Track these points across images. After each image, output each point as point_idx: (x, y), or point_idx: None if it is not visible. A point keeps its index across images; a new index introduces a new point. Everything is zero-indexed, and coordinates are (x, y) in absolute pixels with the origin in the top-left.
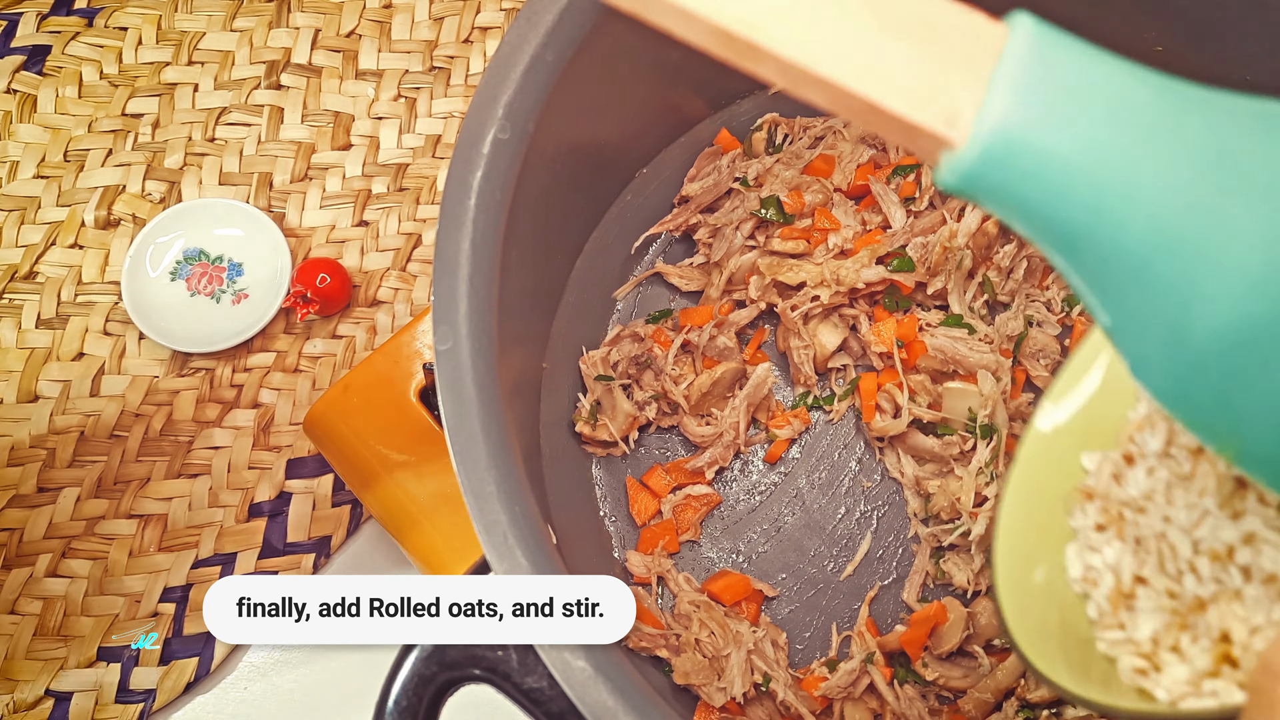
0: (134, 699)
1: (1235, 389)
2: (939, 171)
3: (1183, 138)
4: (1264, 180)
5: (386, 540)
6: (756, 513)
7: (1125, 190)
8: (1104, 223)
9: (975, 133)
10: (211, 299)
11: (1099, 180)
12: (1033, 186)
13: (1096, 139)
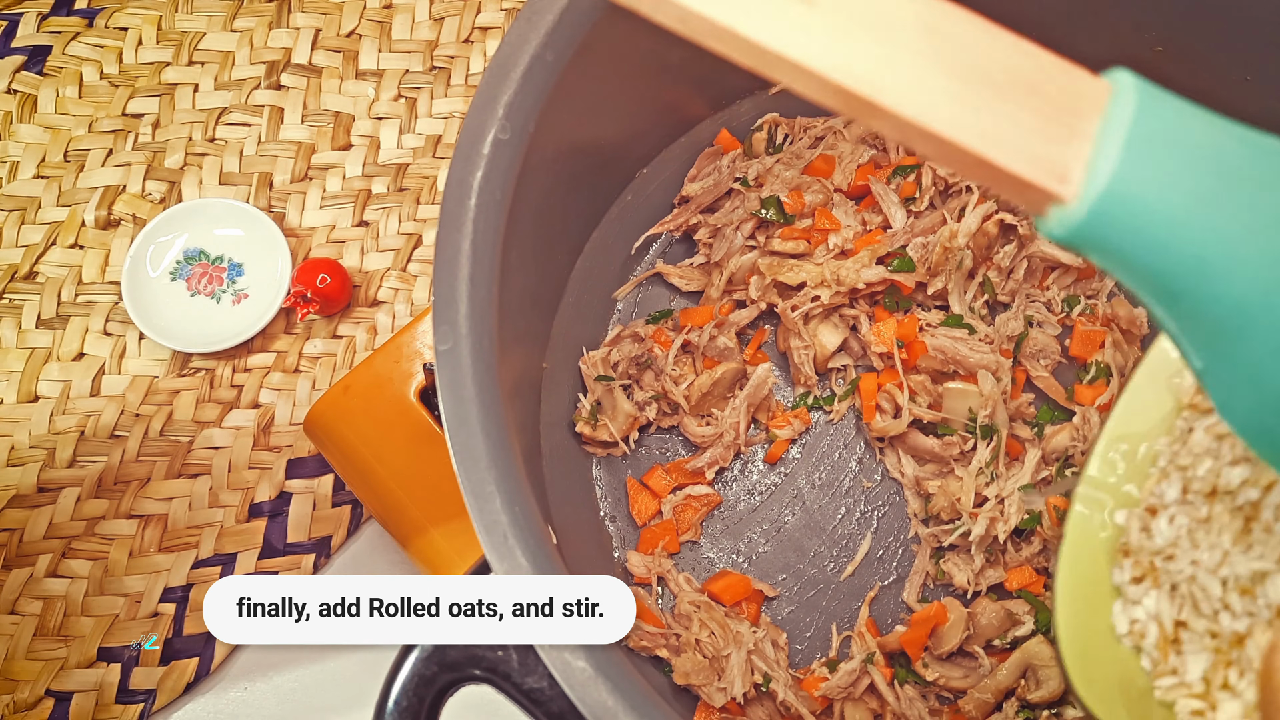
0: (134, 699)
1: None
2: (1047, 224)
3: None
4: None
5: (386, 540)
6: (757, 513)
7: (1230, 250)
8: (1207, 280)
9: (1086, 191)
10: (212, 299)
11: (1204, 239)
12: (1139, 242)
13: (1202, 198)
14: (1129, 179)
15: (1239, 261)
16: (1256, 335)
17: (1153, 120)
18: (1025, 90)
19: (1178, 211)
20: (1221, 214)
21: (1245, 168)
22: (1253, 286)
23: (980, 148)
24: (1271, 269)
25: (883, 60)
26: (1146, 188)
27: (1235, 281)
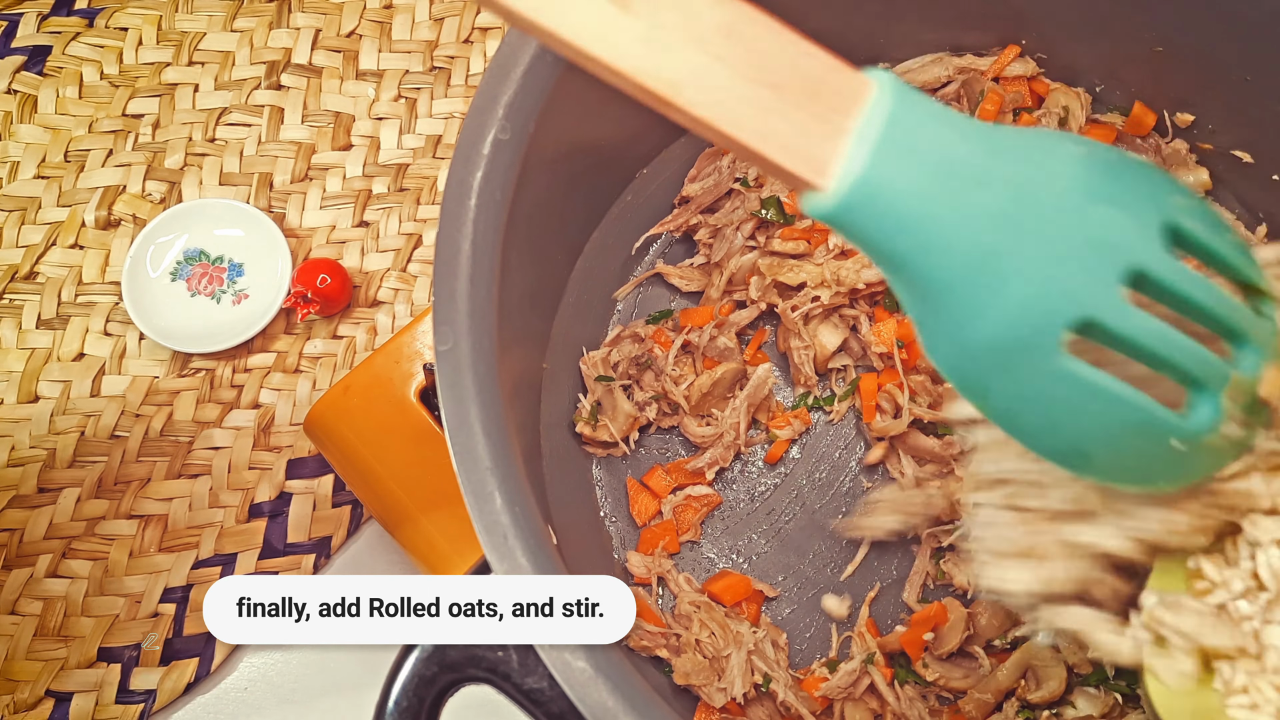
0: (134, 699)
1: (990, 376)
2: (805, 203)
3: (991, 187)
4: (1048, 232)
5: (386, 540)
6: (757, 513)
7: (944, 236)
8: (925, 256)
9: (837, 186)
10: (212, 299)
11: (927, 228)
12: (875, 225)
13: (929, 194)
14: (871, 177)
15: (950, 245)
16: (955, 298)
17: (901, 122)
18: (803, 89)
19: (908, 204)
20: (942, 207)
21: (969, 168)
22: (958, 264)
23: (755, 144)
24: (969, 256)
25: (682, 64)
26: (885, 184)
27: (946, 260)
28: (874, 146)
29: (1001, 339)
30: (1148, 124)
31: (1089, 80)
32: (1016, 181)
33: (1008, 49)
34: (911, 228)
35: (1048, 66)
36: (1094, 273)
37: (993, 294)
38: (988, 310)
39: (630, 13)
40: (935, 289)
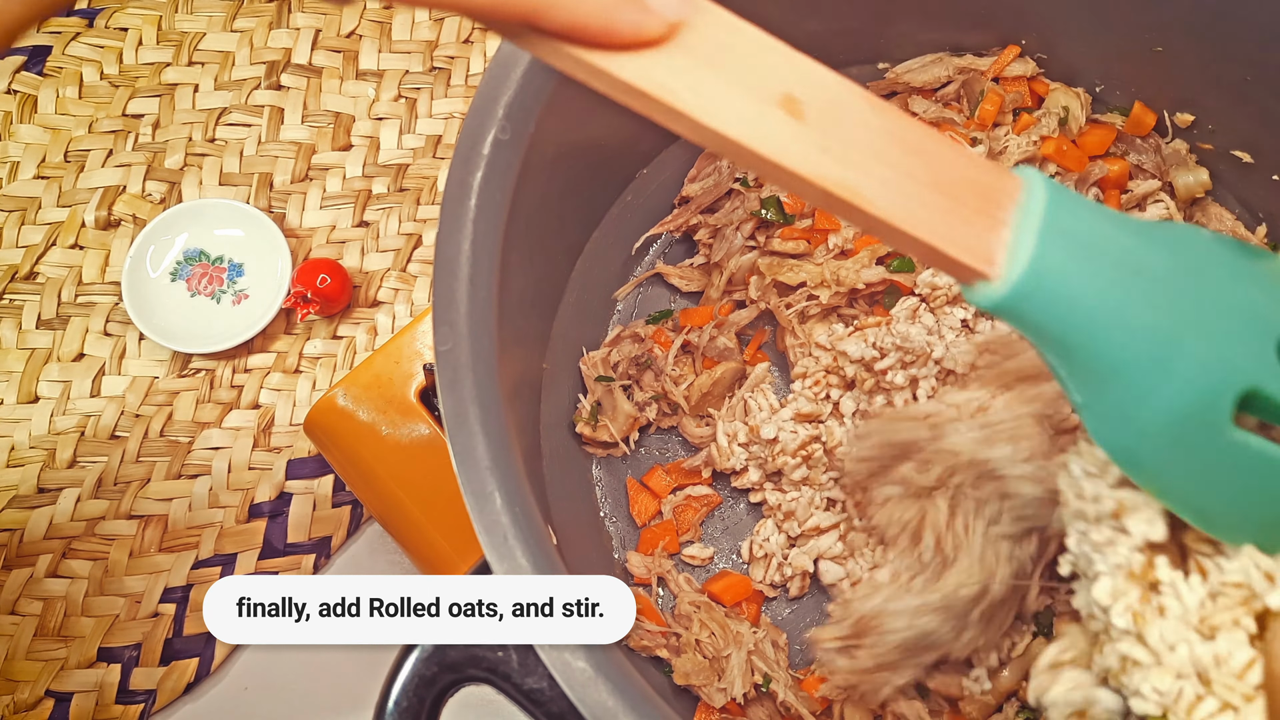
0: (134, 699)
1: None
2: (974, 295)
3: (1148, 272)
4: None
5: (386, 541)
6: (756, 512)
7: (1112, 321)
8: (1093, 342)
9: (1007, 274)
10: (212, 299)
11: (1095, 313)
12: (1046, 311)
13: (1092, 278)
14: (1039, 264)
15: (1118, 328)
16: (1126, 380)
17: (1058, 212)
18: (965, 187)
19: (1075, 289)
20: (1108, 291)
21: (1125, 254)
22: (1125, 349)
23: (931, 240)
24: (1139, 336)
25: (859, 168)
26: (1053, 271)
27: (1115, 343)
28: (1038, 235)
29: (1174, 417)
30: (1148, 124)
31: (1089, 80)
32: (1169, 265)
33: (1008, 49)
34: (1081, 312)
35: (1048, 66)
36: (1251, 345)
37: (1161, 373)
38: (1158, 390)
39: (807, 124)
40: (1105, 373)
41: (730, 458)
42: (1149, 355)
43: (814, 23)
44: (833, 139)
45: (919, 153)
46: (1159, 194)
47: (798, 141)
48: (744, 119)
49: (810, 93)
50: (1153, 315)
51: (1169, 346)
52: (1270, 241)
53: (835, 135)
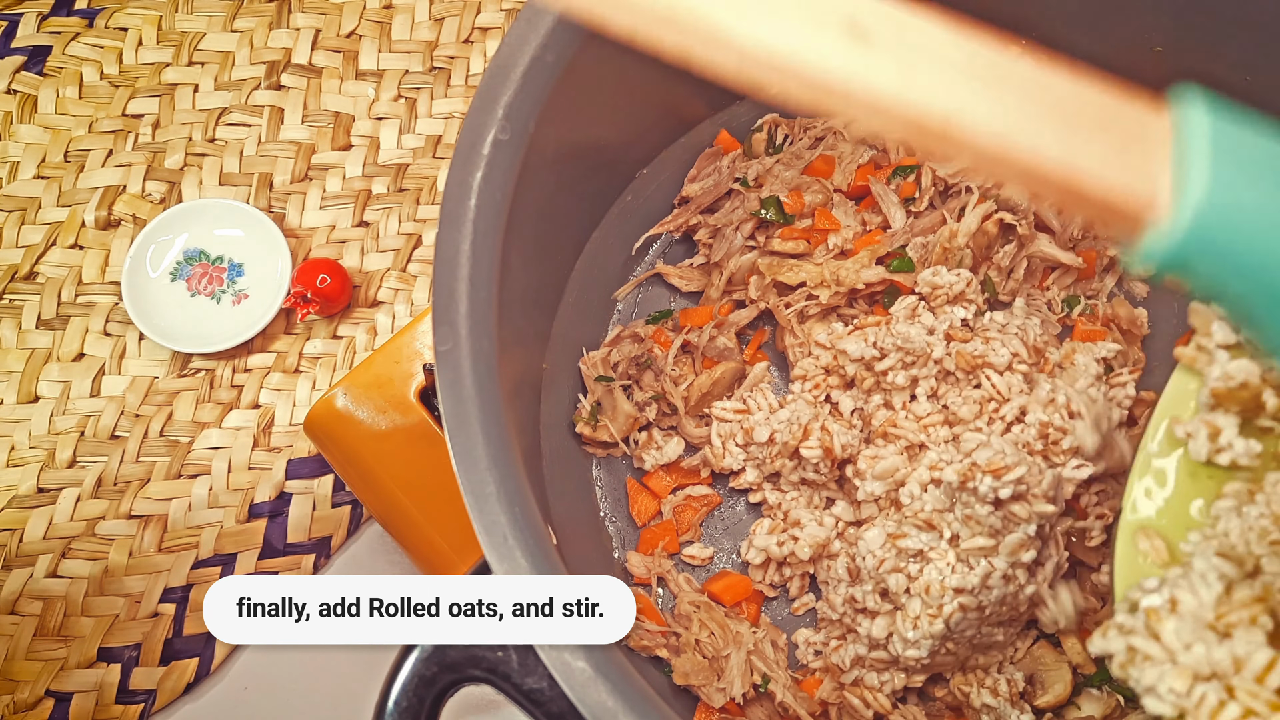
0: (134, 699)
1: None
2: (1142, 250)
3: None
4: None
5: (386, 541)
6: (756, 512)
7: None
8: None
9: (1179, 216)
10: (212, 299)
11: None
12: (1231, 257)
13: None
14: (1218, 200)
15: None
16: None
17: (1228, 141)
18: (1095, 115)
19: (1263, 226)
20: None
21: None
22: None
23: (1073, 169)
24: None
25: (949, 89)
26: (1236, 207)
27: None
28: (1210, 163)
29: None
30: None
31: None
32: None
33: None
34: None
35: None
36: None
37: None
38: None
39: (875, 49)
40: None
41: (726, 458)
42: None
43: None
44: (915, 61)
45: (1026, 80)
46: None
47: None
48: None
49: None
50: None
51: None
52: None
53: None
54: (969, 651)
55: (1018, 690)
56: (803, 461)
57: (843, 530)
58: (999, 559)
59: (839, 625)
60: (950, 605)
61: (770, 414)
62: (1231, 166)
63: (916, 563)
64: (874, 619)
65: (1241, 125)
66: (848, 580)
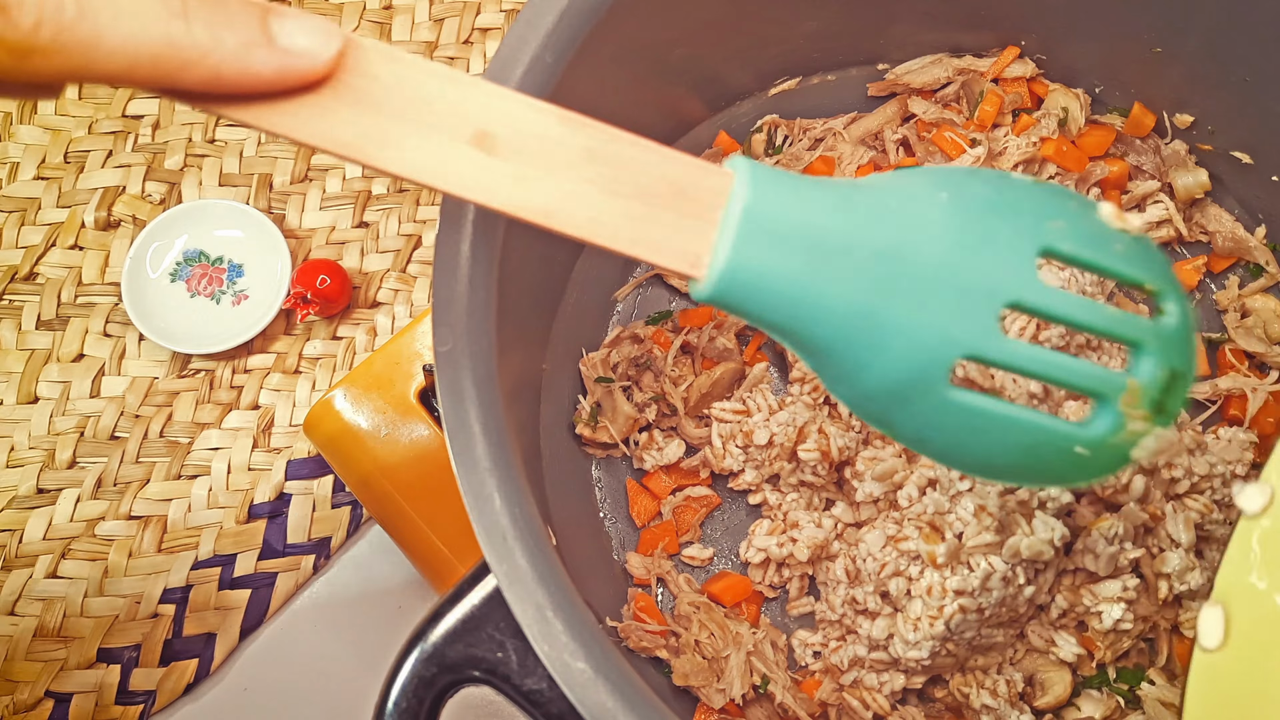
0: (134, 700)
1: (889, 413)
2: (692, 290)
3: (856, 253)
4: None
5: (386, 542)
6: (755, 513)
7: (815, 305)
8: (801, 327)
9: (709, 274)
10: (211, 300)
11: (796, 301)
12: (751, 305)
13: (792, 270)
14: (736, 264)
15: (823, 313)
16: (839, 358)
17: (759, 206)
18: (670, 193)
19: (776, 283)
20: (810, 279)
21: (832, 237)
22: (834, 330)
23: (630, 251)
24: (844, 320)
25: (553, 192)
26: (751, 269)
27: (822, 328)
28: (734, 235)
29: (890, 386)
30: (1147, 125)
31: (1089, 81)
32: (881, 242)
33: (1007, 50)
34: (783, 303)
35: (1047, 67)
36: (969, 315)
37: (873, 351)
38: (872, 365)
39: (497, 156)
40: (818, 352)
41: (726, 459)
42: (856, 338)
43: (814, 23)
44: (528, 167)
45: (623, 164)
46: (1158, 195)
47: (489, 174)
48: (429, 161)
49: (502, 124)
50: (860, 298)
51: (876, 327)
52: (1270, 243)
53: (530, 163)
54: (968, 653)
55: (1017, 691)
56: (801, 464)
57: (841, 531)
58: (999, 559)
59: (838, 626)
60: (950, 607)
61: (769, 416)
62: (757, 234)
63: (917, 564)
64: (874, 620)
65: (778, 192)
66: (846, 581)
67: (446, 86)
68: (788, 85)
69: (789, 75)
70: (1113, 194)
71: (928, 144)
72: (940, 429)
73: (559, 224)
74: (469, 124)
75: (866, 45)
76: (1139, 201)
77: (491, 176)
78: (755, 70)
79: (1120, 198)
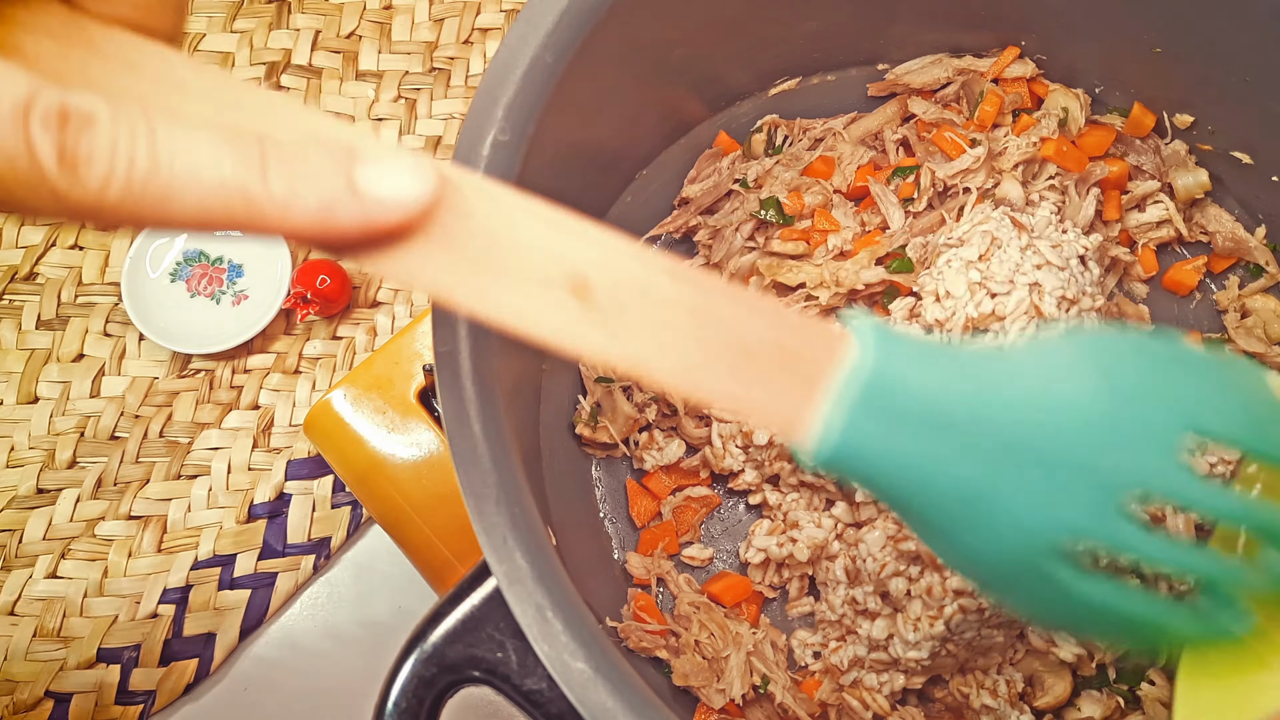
0: (134, 700)
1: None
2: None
3: (979, 432)
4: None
5: (386, 542)
6: (755, 513)
7: (926, 485)
8: (910, 502)
9: (815, 445)
10: (211, 300)
11: (907, 479)
12: (859, 476)
13: (907, 449)
14: (849, 439)
15: (933, 493)
16: (946, 533)
17: (883, 377)
18: (778, 353)
19: (888, 461)
20: (924, 459)
21: (955, 415)
22: (943, 508)
23: (730, 407)
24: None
25: (649, 345)
26: (863, 445)
27: (930, 505)
28: (849, 409)
29: (999, 564)
30: (1147, 125)
31: (1089, 81)
32: (1006, 420)
33: (1007, 50)
34: (894, 480)
35: (1047, 68)
36: (1089, 502)
37: (981, 531)
38: (980, 543)
39: (593, 304)
40: (926, 526)
41: (726, 459)
42: (965, 518)
43: (814, 23)
44: (622, 318)
45: (730, 324)
46: (1158, 195)
47: (584, 325)
48: (524, 308)
49: (602, 271)
50: (975, 480)
51: (988, 508)
52: (1270, 243)
53: (629, 317)
54: (968, 653)
55: (1017, 691)
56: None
57: (841, 531)
58: None
59: (838, 626)
60: (950, 607)
61: None
62: (874, 409)
63: (917, 564)
64: (874, 620)
65: (905, 361)
66: (846, 581)
67: (547, 231)
68: (788, 85)
69: (789, 75)
70: (1113, 194)
71: (928, 144)
72: (1056, 603)
73: (651, 374)
74: (567, 270)
75: (866, 45)
76: (1139, 201)
77: (586, 328)
78: (755, 70)
79: (1120, 198)
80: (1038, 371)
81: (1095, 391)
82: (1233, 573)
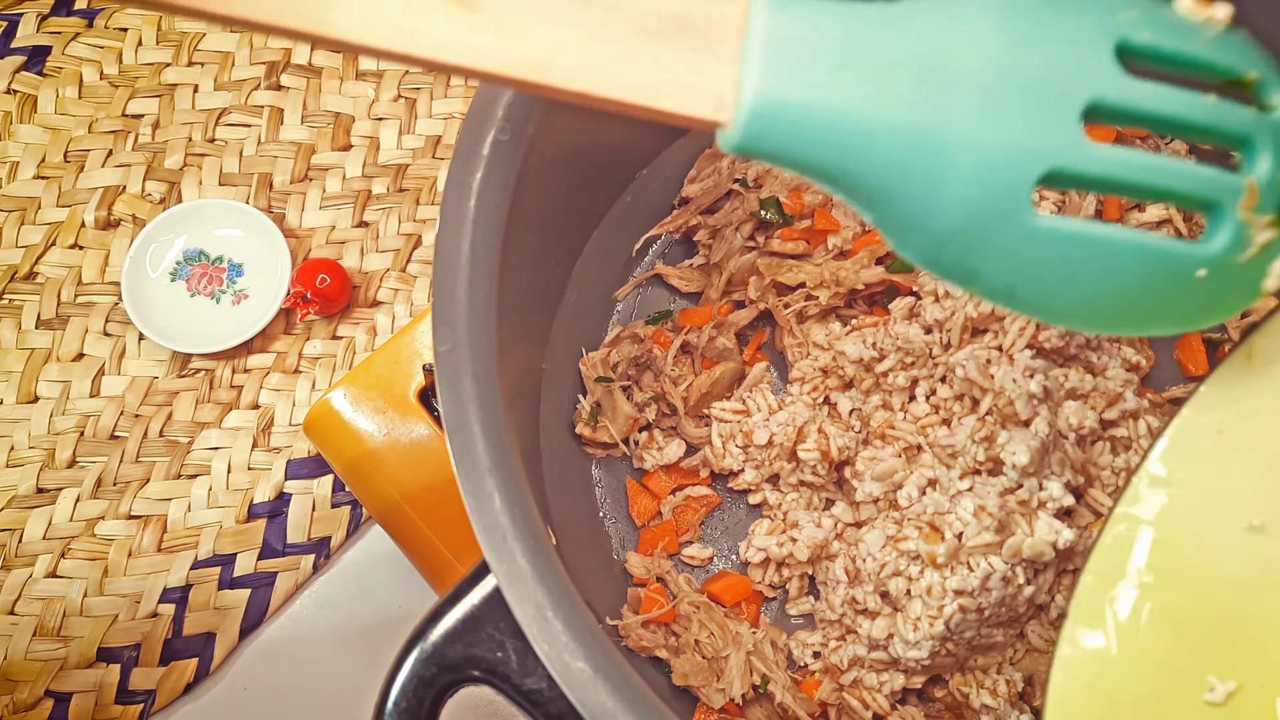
0: (134, 699)
1: (971, 258)
2: (719, 141)
3: (904, 67)
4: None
5: (386, 541)
6: (755, 513)
7: (865, 133)
8: (855, 164)
9: (738, 114)
10: (211, 299)
11: (842, 131)
12: (791, 145)
13: (832, 95)
14: (767, 96)
15: (876, 141)
16: (903, 196)
17: (782, 27)
18: (677, 28)
19: (815, 113)
20: (854, 103)
21: (874, 54)
22: (892, 160)
23: (641, 100)
24: (901, 141)
25: (542, 42)
26: (785, 99)
27: (878, 159)
28: (760, 63)
29: (967, 222)
30: None
31: None
32: (932, 50)
33: None
34: (828, 136)
35: None
36: (1045, 121)
37: (936, 182)
38: (941, 198)
39: (475, 10)
40: (879, 193)
41: (726, 458)
42: (917, 167)
43: None
44: (508, 18)
45: (618, 4)
46: None
47: (469, 32)
48: (395, 21)
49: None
50: (914, 119)
51: (939, 149)
52: None
53: (512, 13)
54: (968, 653)
55: (1017, 691)
56: (801, 463)
57: (841, 531)
58: (999, 559)
59: (838, 626)
60: (950, 607)
61: (769, 415)
62: (785, 62)
63: (917, 564)
64: (874, 620)
65: (800, 12)
66: (846, 581)
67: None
68: None
69: None
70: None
71: None
72: (1033, 272)
73: (554, 79)
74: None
75: None
76: (1139, 201)
77: (471, 34)
78: None
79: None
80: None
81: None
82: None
